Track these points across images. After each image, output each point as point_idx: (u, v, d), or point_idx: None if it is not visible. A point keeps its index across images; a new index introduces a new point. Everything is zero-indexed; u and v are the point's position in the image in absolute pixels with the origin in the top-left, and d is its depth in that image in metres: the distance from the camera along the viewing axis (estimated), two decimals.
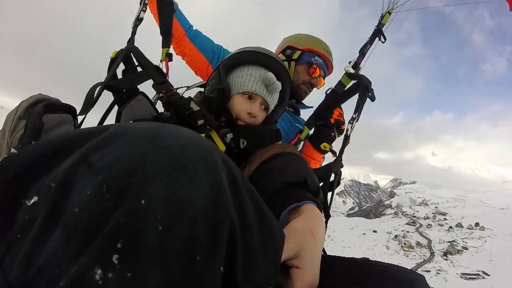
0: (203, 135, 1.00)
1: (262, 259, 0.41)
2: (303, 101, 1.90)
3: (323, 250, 0.72)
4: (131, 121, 1.05)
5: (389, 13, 1.64)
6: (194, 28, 1.74)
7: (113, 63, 1.15)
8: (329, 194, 1.24)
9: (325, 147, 1.65)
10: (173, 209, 0.32)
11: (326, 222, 1.05)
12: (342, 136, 1.44)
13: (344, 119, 1.71)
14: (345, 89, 1.61)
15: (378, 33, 1.64)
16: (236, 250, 0.37)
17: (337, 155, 1.38)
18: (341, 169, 1.30)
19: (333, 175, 1.26)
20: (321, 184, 1.22)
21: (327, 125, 1.67)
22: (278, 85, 1.11)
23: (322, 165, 1.68)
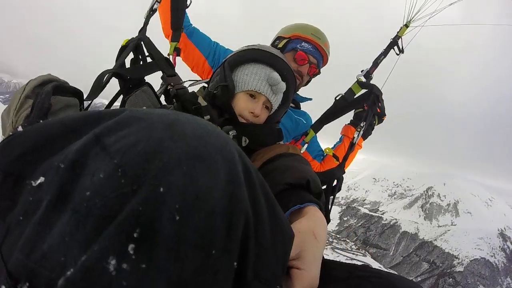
0: None
1: (272, 256, 0.41)
2: (302, 94, 1.85)
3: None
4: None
5: (406, 26, 1.66)
6: (192, 26, 1.72)
7: (123, 51, 1.14)
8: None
9: (329, 151, 1.65)
10: (190, 199, 0.31)
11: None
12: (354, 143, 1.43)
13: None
14: (355, 97, 1.62)
15: (393, 44, 1.65)
16: (248, 246, 0.36)
17: (341, 161, 1.39)
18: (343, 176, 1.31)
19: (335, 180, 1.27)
20: (323, 187, 1.23)
21: (373, 113, 1.58)
22: (283, 86, 1.10)
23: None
